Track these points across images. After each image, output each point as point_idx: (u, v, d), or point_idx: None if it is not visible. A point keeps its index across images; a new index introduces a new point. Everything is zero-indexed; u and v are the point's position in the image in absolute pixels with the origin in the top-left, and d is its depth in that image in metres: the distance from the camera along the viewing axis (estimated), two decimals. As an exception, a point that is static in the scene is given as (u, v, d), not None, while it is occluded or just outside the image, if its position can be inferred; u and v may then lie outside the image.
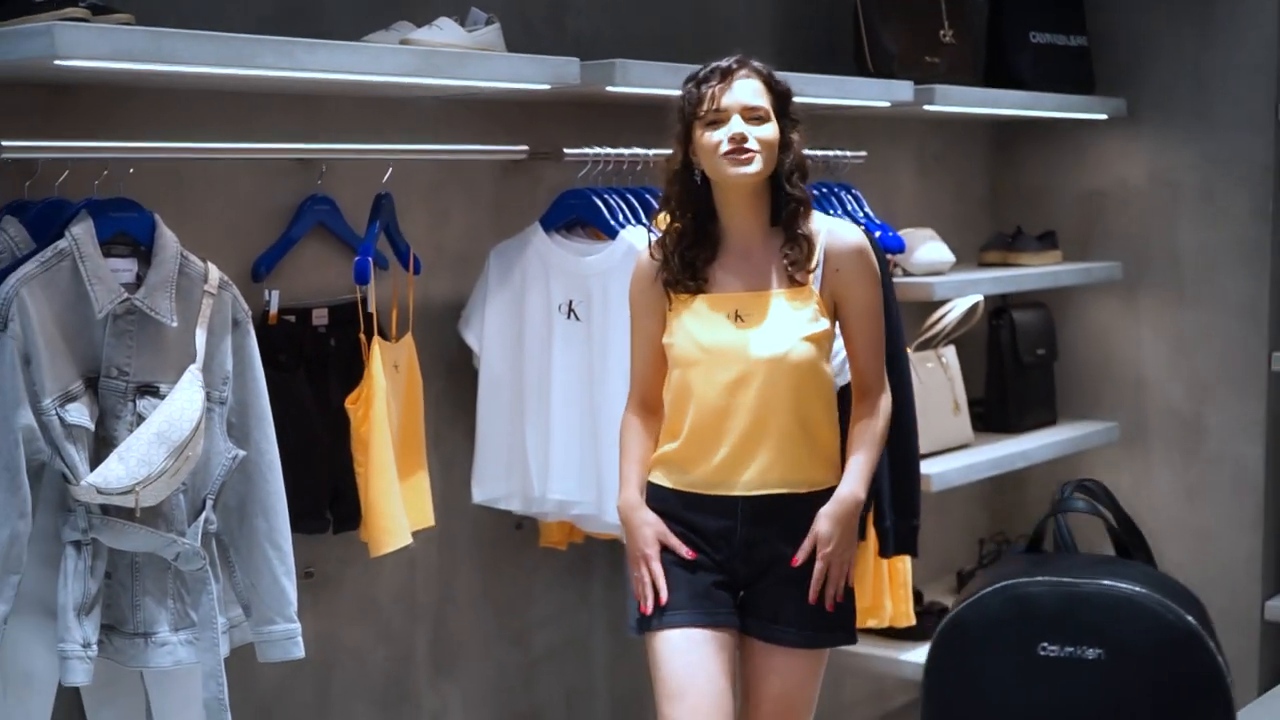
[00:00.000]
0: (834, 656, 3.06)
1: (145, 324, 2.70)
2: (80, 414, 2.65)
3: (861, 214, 3.95)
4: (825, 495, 2.94)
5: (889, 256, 3.94)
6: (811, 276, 2.93)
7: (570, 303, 3.42)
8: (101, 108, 2.91)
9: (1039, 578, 1.51)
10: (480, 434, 3.50)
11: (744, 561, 2.94)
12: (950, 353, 4.60)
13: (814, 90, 3.79)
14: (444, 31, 3.08)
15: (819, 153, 3.91)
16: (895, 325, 3.58)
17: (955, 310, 4.42)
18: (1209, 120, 4.86)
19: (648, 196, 3.50)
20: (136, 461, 2.63)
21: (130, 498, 2.63)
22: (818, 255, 2.93)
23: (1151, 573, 1.53)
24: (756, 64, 2.93)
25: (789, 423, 2.90)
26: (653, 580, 2.94)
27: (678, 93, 2.96)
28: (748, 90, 2.88)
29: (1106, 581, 1.49)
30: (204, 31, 2.61)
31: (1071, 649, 1.47)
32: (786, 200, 2.93)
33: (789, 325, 2.90)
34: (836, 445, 3.00)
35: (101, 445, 2.69)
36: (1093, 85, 4.92)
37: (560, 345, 3.44)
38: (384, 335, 3.27)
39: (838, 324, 3.00)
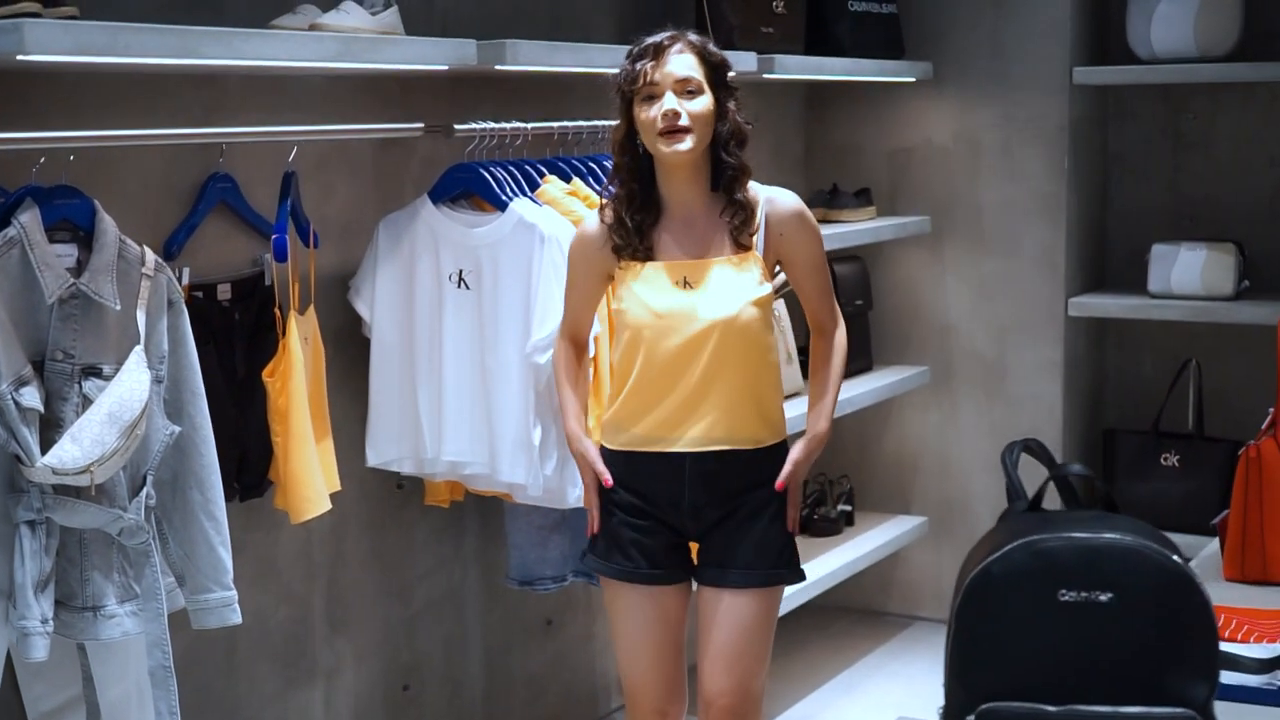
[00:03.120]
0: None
1: (89, 308, 2.78)
2: (33, 397, 2.72)
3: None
4: (765, 453, 3.11)
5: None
6: (754, 240, 3.07)
7: (460, 272, 3.57)
8: (14, 93, 2.96)
9: (1056, 534, 1.74)
10: (373, 399, 3.63)
11: (693, 520, 3.11)
12: (780, 306, 4.86)
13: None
14: (350, 15, 3.19)
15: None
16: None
17: (789, 267, 4.67)
18: (1007, 83, 5.21)
19: (529, 169, 3.66)
20: (90, 442, 2.72)
21: (85, 477, 2.72)
22: (759, 221, 3.07)
23: (1140, 524, 1.78)
24: (692, 38, 3.05)
25: (735, 383, 3.05)
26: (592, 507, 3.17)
27: (560, 70, 3.08)
28: (680, 64, 2.99)
29: (1112, 535, 1.73)
30: (151, 25, 2.70)
31: (1087, 594, 1.71)
32: (725, 168, 3.05)
33: (736, 289, 3.04)
34: (779, 407, 3.18)
35: (47, 427, 2.76)
36: (902, 50, 5.21)
37: (451, 313, 3.58)
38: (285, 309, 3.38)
39: (789, 279, 3.21)
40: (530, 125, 3.70)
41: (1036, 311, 5.24)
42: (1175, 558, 1.71)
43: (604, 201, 3.15)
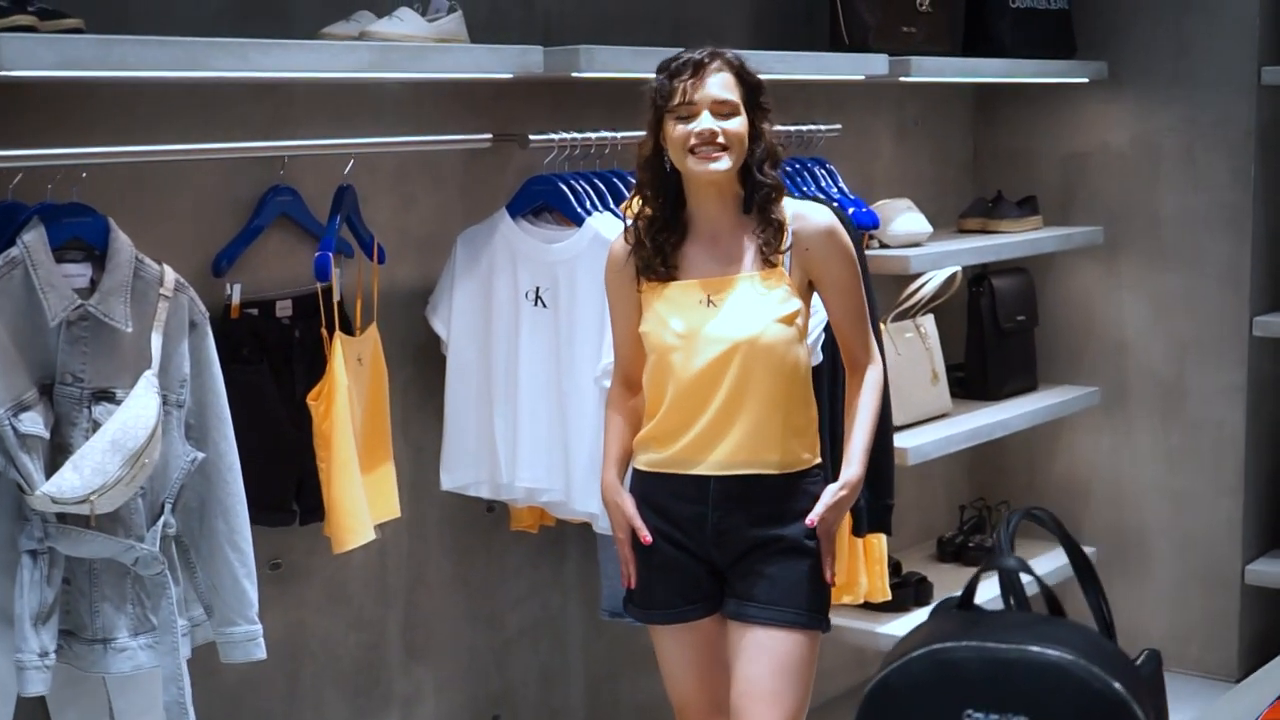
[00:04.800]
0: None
1: (100, 330, 2.68)
2: (34, 423, 2.63)
3: (835, 189, 3.92)
4: (795, 477, 2.96)
5: (864, 233, 3.92)
6: (782, 258, 2.94)
7: (537, 290, 3.39)
8: (56, 108, 2.87)
9: (966, 642, 1.49)
10: (449, 421, 3.48)
11: (716, 547, 2.97)
12: (929, 322, 4.58)
13: (789, 67, 3.78)
14: (404, 23, 3.04)
15: (793, 127, 3.87)
16: (870, 304, 3.56)
17: (933, 280, 4.39)
18: (1190, 83, 4.82)
19: (615, 180, 3.47)
20: (91, 470, 2.61)
21: (85, 506, 2.62)
22: (787, 238, 2.95)
23: (1085, 634, 1.51)
24: (729, 56, 2.93)
25: (762, 403, 2.92)
26: (625, 563, 3.07)
27: (648, 76, 2.96)
28: (718, 84, 2.89)
29: (1034, 648, 1.47)
30: (153, 36, 2.58)
31: (997, 716, 1.46)
32: (759, 187, 2.94)
33: (761, 307, 2.92)
34: (812, 425, 3.03)
35: (57, 452, 2.67)
36: (1074, 49, 4.87)
37: (527, 333, 3.41)
38: (349, 326, 3.24)
39: (819, 301, 3.04)
40: (620, 135, 3.50)
41: (1219, 330, 4.85)
42: (1115, 683, 1.44)
43: (626, 224, 3.02)
